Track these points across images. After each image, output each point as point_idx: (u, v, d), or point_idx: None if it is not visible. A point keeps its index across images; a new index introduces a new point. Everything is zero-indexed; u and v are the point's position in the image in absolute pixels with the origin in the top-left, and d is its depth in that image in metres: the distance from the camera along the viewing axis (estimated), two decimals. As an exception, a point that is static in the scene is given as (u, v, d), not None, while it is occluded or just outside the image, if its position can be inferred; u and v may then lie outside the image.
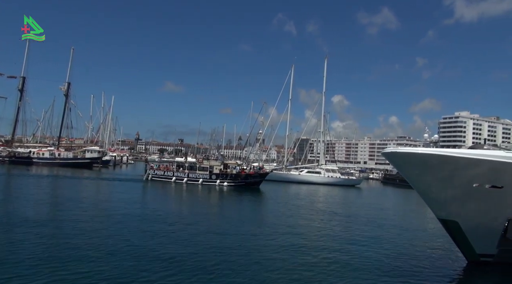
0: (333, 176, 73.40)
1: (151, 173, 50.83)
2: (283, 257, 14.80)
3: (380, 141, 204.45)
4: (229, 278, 11.84)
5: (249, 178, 50.08)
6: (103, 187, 40.72)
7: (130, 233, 17.22)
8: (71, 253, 13.16)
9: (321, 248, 17.09)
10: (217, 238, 17.42)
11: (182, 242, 16.13)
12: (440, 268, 15.14)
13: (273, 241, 17.76)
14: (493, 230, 14.37)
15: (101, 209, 24.28)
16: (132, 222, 20.04)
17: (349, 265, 14.43)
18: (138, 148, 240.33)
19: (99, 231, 17.12)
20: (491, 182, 13.43)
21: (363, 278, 12.97)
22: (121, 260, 12.86)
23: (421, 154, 13.54)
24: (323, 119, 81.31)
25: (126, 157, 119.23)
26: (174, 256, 13.71)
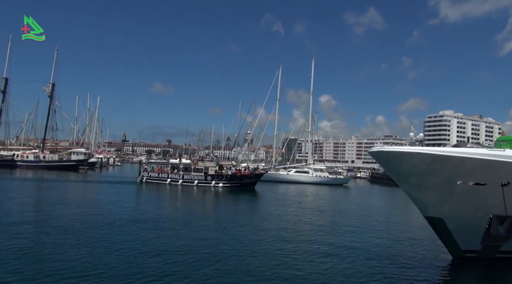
0: (321, 176, 73.89)
1: (145, 175, 50.01)
2: (275, 259, 14.89)
3: (367, 140, 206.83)
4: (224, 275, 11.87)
5: (244, 179, 49.92)
6: (95, 190, 39.47)
7: (124, 237, 17.00)
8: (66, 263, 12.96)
9: (309, 247, 17.22)
10: (214, 240, 17.39)
11: (178, 247, 15.84)
12: (426, 264, 15.43)
13: (267, 245, 17.81)
14: (477, 227, 14.72)
15: (96, 214, 23.10)
16: (126, 226, 19.56)
17: (337, 261, 14.67)
18: (125, 150, 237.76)
19: (93, 236, 16.85)
20: (475, 180, 13.75)
21: (350, 275, 13.13)
22: (119, 261, 12.74)
23: (407, 153, 13.78)
24: (311, 119, 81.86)
25: (113, 158, 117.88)
26: (171, 259, 13.65)
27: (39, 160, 71.07)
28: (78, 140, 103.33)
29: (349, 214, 30.31)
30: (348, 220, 26.58)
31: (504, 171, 13.30)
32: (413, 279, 13.19)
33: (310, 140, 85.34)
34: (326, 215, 29.28)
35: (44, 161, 71.29)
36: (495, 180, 13.44)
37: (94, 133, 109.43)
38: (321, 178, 72.86)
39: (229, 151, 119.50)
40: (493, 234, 14.78)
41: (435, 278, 14.06)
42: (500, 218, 14.37)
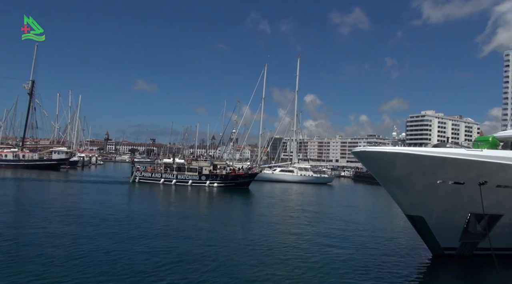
0: (305, 174, 74.54)
1: (138, 175, 49.14)
2: (267, 258, 14.96)
3: (351, 139, 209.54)
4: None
5: (239, 179, 49.81)
6: (85, 191, 37.71)
7: (118, 239, 16.71)
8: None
9: (291, 245, 17.38)
10: (208, 241, 17.33)
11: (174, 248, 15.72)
12: (406, 261, 15.81)
13: (262, 243, 17.86)
14: (456, 224, 15.15)
15: (88, 216, 22.28)
16: (118, 228, 19.10)
17: (318, 259, 14.90)
18: (108, 149, 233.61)
19: (74, 235, 16.58)
20: (454, 179, 14.15)
21: (332, 272, 13.35)
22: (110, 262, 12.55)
23: (389, 153, 14.05)
24: (296, 118, 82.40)
25: (95, 157, 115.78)
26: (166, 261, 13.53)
27: (19, 159, 69.21)
28: (59, 138, 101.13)
29: (332, 213, 30.69)
30: (331, 219, 26.93)
31: (482, 170, 13.73)
32: (394, 275, 13.48)
33: (295, 139, 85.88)
34: (310, 214, 29.57)
35: (23, 160, 69.46)
36: (473, 179, 13.85)
37: (76, 131, 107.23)
38: (305, 177, 73.48)
39: (214, 150, 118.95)
40: (471, 232, 15.25)
41: (415, 274, 14.40)
42: (477, 216, 14.84)
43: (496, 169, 13.74)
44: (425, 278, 14.35)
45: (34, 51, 68.66)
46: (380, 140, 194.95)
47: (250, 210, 31.71)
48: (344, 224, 24.56)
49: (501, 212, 14.93)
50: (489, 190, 13.97)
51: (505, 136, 20.89)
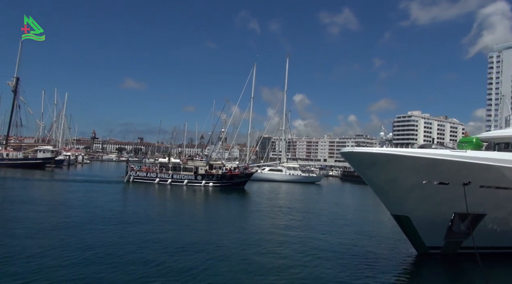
0: (294, 174, 74.92)
1: (133, 175, 48.54)
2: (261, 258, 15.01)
3: (339, 139, 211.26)
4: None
5: (234, 179, 49.70)
6: (79, 190, 36.65)
7: (104, 237, 16.57)
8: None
9: (279, 244, 17.53)
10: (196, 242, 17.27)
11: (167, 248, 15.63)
12: (392, 260, 16.09)
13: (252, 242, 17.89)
14: (441, 224, 15.46)
15: (80, 216, 21.78)
16: (107, 228, 18.89)
17: (306, 257, 15.07)
18: (94, 147, 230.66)
19: (65, 235, 16.34)
20: (439, 179, 14.43)
21: (318, 270, 13.49)
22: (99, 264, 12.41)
23: (375, 153, 14.26)
24: (285, 117, 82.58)
25: (82, 156, 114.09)
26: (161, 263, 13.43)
27: (2, 158, 67.79)
28: (44, 137, 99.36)
29: (321, 212, 30.95)
30: (319, 217, 27.18)
31: (466, 171, 14.04)
32: (380, 273, 13.70)
33: (284, 139, 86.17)
34: (298, 213, 29.81)
35: (7, 159, 68.07)
36: (457, 179, 14.16)
37: (62, 130, 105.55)
38: (294, 176, 73.85)
39: (202, 149, 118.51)
40: (455, 231, 15.59)
41: (400, 273, 14.66)
42: (461, 215, 15.16)
43: (479, 170, 14.08)
44: (410, 276, 14.59)
45: (19, 48, 67.49)
46: (367, 140, 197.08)
47: (244, 210, 31.69)
48: (331, 223, 24.81)
49: (484, 212, 15.30)
50: (473, 190, 14.30)
51: (488, 137, 21.40)
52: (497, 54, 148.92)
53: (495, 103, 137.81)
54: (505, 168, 14.35)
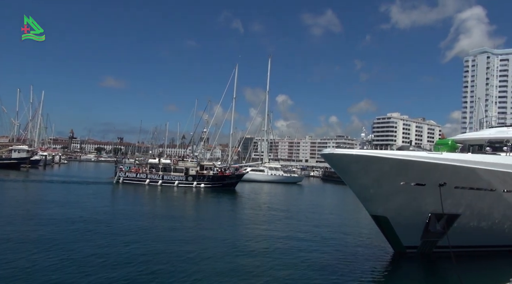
0: (276, 174, 75.30)
1: (122, 176, 47.61)
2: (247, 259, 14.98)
3: (321, 140, 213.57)
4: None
5: (226, 179, 49.58)
6: (65, 192, 35.47)
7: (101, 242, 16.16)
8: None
9: (260, 244, 17.60)
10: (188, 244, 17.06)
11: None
12: (370, 259, 16.41)
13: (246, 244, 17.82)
14: (417, 224, 15.85)
15: (64, 219, 21.01)
16: (95, 231, 18.49)
17: (285, 256, 15.28)
18: (72, 147, 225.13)
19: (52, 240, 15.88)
20: (416, 181, 14.79)
21: (297, 271, 13.60)
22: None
23: (354, 155, 14.48)
24: (267, 118, 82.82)
25: (59, 156, 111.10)
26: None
27: (-26, 158, 65.33)
28: (19, 136, 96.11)
29: (301, 212, 31.21)
30: (300, 218, 27.40)
31: (441, 172, 14.44)
32: (358, 272, 13.98)
33: (266, 139, 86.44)
34: (279, 213, 29.99)
35: (-21, 159, 65.64)
36: (433, 180, 14.55)
37: (38, 129, 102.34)
38: (276, 177, 74.22)
39: (184, 149, 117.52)
40: (431, 231, 16.01)
41: (377, 272, 14.95)
42: (437, 216, 15.59)
43: (454, 171, 14.51)
44: (387, 275, 14.91)
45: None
46: (348, 141, 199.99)
47: (234, 212, 31.52)
48: (311, 223, 25.08)
49: (458, 212, 15.78)
50: (448, 191, 14.73)
51: (463, 139, 22.10)
52: (472, 58, 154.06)
53: (470, 106, 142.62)
54: (478, 170, 14.85)
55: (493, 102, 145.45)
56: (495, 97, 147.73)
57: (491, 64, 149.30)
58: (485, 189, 15.44)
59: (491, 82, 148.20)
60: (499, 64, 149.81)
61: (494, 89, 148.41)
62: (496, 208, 16.33)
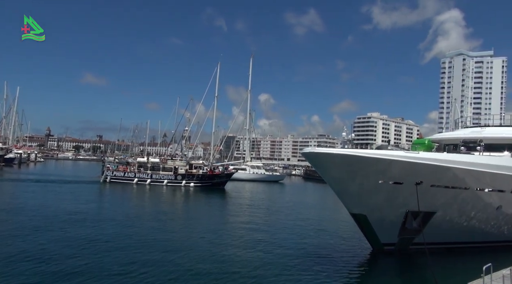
0: (258, 173, 75.46)
1: (109, 175, 46.76)
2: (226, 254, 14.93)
3: (303, 139, 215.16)
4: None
5: (215, 179, 49.42)
6: (47, 192, 34.33)
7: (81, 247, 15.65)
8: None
9: (241, 242, 17.65)
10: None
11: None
12: (349, 256, 16.72)
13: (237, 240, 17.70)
14: (395, 222, 16.21)
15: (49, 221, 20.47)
16: (76, 231, 18.15)
17: (265, 254, 15.39)
18: (49, 145, 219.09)
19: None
20: (394, 179, 15.11)
21: (277, 266, 13.81)
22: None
23: (334, 154, 14.68)
24: (249, 117, 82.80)
25: (35, 154, 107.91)
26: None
27: None
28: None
29: (283, 210, 31.42)
30: (281, 216, 27.62)
31: (418, 171, 14.80)
32: (337, 269, 14.24)
33: (248, 138, 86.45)
34: (261, 211, 30.11)
35: (-51, 157, 63.04)
36: (410, 179, 14.90)
37: (13, 126, 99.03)
38: (258, 175, 74.37)
39: (165, 148, 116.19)
40: (408, 228, 16.39)
41: (356, 268, 15.26)
42: (414, 213, 15.98)
43: (430, 170, 14.89)
44: (364, 271, 15.26)
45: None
46: (329, 140, 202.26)
47: (223, 212, 31.44)
48: (292, 221, 25.31)
49: (434, 210, 16.22)
50: (424, 189, 15.12)
51: (439, 139, 22.72)
52: (449, 60, 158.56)
53: (446, 107, 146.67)
54: (453, 169, 15.29)
55: (468, 103, 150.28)
56: (470, 98, 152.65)
57: (466, 66, 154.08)
58: (460, 187, 15.92)
59: (466, 83, 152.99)
60: (474, 66, 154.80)
61: (469, 91, 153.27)
62: (470, 206, 16.87)
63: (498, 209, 17.49)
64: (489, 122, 29.09)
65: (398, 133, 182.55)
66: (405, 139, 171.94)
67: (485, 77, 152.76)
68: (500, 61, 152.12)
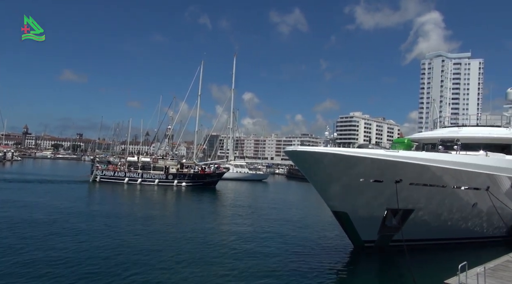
0: (241, 172, 75.39)
1: (99, 174, 45.80)
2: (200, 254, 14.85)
3: (286, 138, 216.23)
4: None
5: (207, 178, 49.24)
6: (37, 192, 33.35)
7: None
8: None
9: (222, 241, 17.67)
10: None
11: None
12: (330, 253, 16.98)
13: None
14: (375, 219, 16.51)
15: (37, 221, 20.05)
16: (64, 232, 17.66)
17: (247, 252, 15.59)
18: (26, 144, 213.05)
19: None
20: (374, 177, 15.37)
21: (260, 264, 13.91)
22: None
23: (316, 152, 14.82)
24: (232, 116, 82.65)
25: (11, 153, 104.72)
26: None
27: None
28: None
29: (266, 209, 31.52)
30: (264, 214, 27.71)
31: (398, 169, 15.11)
32: (318, 266, 14.40)
33: (232, 137, 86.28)
34: (244, 210, 30.14)
35: None
36: (390, 177, 15.19)
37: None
38: (241, 174, 74.31)
39: (147, 146, 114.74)
40: (388, 225, 16.73)
41: (336, 266, 15.46)
42: (393, 211, 16.32)
43: (409, 169, 15.22)
44: (344, 269, 15.50)
45: None
46: (313, 139, 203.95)
47: (215, 211, 31.19)
48: (275, 219, 25.43)
49: (412, 207, 16.60)
50: (404, 187, 15.45)
51: (418, 138, 23.25)
52: (428, 61, 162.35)
53: (426, 107, 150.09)
54: (431, 167, 15.67)
55: (447, 103, 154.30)
56: (449, 99, 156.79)
57: (445, 68, 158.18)
58: (438, 185, 16.33)
59: (445, 84, 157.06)
60: (452, 67, 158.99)
61: (448, 91, 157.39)
62: (447, 204, 17.35)
63: (474, 206, 18.05)
64: (466, 122, 30.11)
65: (379, 133, 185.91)
66: (386, 139, 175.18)
67: (462, 78, 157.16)
68: (477, 63, 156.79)
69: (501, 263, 11.53)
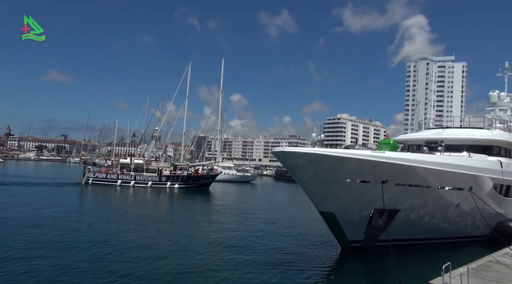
0: (229, 173, 75.22)
1: (91, 176, 45.06)
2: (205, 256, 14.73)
3: (274, 139, 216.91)
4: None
5: (200, 180, 49.00)
6: (28, 195, 32.52)
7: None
8: None
9: (212, 241, 17.54)
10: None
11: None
12: (317, 253, 17.05)
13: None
14: (362, 219, 16.66)
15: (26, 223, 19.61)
16: (61, 235, 17.29)
17: (234, 253, 15.50)
18: (9, 145, 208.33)
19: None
20: (361, 178, 15.52)
21: (247, 265, 13.90)
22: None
23: (304, 153, 14.89)
24: (220, 117, 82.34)
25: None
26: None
27: None
28: None
29: (253, 210, 31.49)
30: (251, 215, 27.67)
31: (384, 170, 15.28)
32: (305, 266, 14.49)
33: (220, 138, 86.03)
34: (232, 212, 30.06)
35: None
36: (376, 178, 15.36)
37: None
38: (229, 176, 74.14)
39: (134, 148, 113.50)
40: (374, 225, 16.90)
41: (322, 266, 15.48)
42: (379, 211, 16.49)
43: (395, 169, 15.42)
44: (330, 269, 15.51)
45: None
46: (300, 140, 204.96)
47: (209, 214, 31.00)
48: (263, 220, 25.46)
49: (398, 207, 16.82)
50: (389, 187, 15.63)
51: (403, 140, 23.60)
52: (414, 64, 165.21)
53: (411, 109, 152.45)
54: (416, 168, 15.92)
55: (431, 105, 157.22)
56: (434, 101, 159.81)
57: (430, 70, 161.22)
58: (422, 186, 16.59)
59: (430, 87, 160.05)
60: (437, 70, 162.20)
61: (432, 94, 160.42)
62: (432, 203, 17.63)
63: (457, 207, 18.40)
64: (450, 124, 30.66)
65: (366, 134, 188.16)
66: (372, 140, 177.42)
67: (447, 81, 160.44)
68: (461, 66, 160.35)
69: (484, 263, 11.77)
